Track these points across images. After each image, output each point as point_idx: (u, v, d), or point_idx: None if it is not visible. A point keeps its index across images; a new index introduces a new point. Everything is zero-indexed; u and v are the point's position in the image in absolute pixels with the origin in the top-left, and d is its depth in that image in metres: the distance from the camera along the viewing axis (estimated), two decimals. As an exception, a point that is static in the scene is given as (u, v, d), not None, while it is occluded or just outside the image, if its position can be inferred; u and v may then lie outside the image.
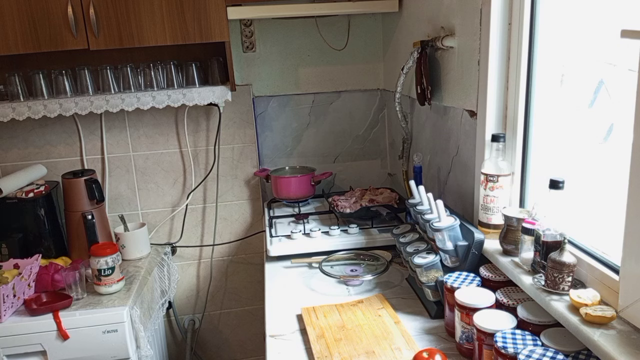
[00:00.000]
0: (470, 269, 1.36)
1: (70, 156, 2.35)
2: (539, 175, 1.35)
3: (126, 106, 2.08)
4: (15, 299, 1.79)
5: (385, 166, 2.58)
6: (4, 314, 1.74)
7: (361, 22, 2.40)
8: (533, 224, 1.17)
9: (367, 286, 1.64)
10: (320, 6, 2.10)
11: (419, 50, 1.75)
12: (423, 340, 1.31)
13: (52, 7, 1.86)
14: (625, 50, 0.99)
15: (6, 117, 2.04)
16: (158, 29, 1.93)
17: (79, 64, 2.12)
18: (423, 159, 1.95)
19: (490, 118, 1.41)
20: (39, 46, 1.90)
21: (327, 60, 2.42)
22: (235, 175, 2.45)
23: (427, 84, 1.74)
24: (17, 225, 2.08)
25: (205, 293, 2.57)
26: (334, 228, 1.92)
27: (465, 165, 1.59)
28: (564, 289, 1.06)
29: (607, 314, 0.95)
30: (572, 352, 1.00)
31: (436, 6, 1.71)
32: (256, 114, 2.42)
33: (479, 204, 1.42)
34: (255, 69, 2.39)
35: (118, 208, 2.40)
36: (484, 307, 1.17)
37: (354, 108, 2.50)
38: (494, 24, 1.35)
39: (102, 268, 1.86)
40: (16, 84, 2.07)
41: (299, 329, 1.42)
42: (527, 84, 1.35)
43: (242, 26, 2.33)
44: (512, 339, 1.04)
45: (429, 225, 1.40)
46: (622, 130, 1.06)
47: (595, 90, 1.15)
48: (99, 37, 1.91)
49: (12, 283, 1.74)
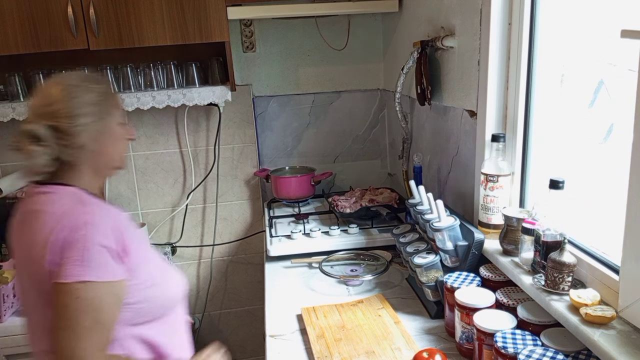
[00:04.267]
0: (470, 269, 1.36)
1: (70, 156, 2.35)
2: (539, 175, 1.35)
3: (126, 106, 2.08)
4: (15, 299, 1.79)
5: (385, 166, 2.58)
6: (4, 314, 1.74)
7: (361, 22, 2.40)
8: (533, 224, 1.17)
9: (367, 286, 1.64)
10: (320, 6, 2.10)
11: (419, 50, 1.75)
12: (423, 340, 1.31)
13: (52, 7, 1.86)
14: (625, 50, 0.99)
15: (6, 117, 2.04)
16: (158, 29, 1.93)
17: (79, 64, 2.12)
18: (423, 159, 1.95)
19: (490, 118, 1.41)
20: (39, 46, 1.90)
21: (327, 60, 2.42)
22: (235, 175, 2.44)
23: (427, 84, 1.74)
24: (17, 225, 2.08)
25: (205, 293, 2.57)
26: (334, 228, 1.92)
27: (465, 165, 1.59)
28: (564, 289, 1.06)
29: (607, 314, 0.95)
30: (572, 352, 1.00)
31: (436, 6, 1.71)
32: (256, 114, 2.42)
33: (479, 204, 1.42)
34: (255, 69, 2.39)
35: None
36: (484, 307, 1.17)
37: (354, 108, 2.50)
38: (494, 24, 1.35)
39: (102, 268, 1.86)
40: (16, 84, 2.07)
41: (299, 329, 1.42)
42: (527, 84, 1.35)
43: (242, 26, 2.33)
44: (512, 339, 1.04)
45: (429, 225, 1.40)
46: (622, 130, 1.06)
47: (595, 90, 1.15)
48: (99, 37, 1.91)
49: (12, 283, 1.75)
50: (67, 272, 1.00)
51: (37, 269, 1.05)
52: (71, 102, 1.08)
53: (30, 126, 1.06)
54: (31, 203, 1.12)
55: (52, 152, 1.07)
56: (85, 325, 1.00)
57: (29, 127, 1.06)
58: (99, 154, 1.14)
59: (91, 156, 1.13)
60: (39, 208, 1.09)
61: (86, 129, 1.09)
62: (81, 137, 1.09)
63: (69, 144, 1.08)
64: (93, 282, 1.00)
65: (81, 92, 1.10)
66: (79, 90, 1.10)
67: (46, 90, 1.11)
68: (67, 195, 1.10)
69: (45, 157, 1.07)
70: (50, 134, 1.06)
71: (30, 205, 1.11)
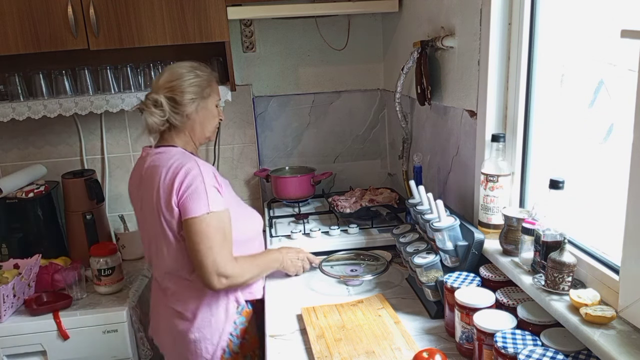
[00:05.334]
0: (470, 269, 1.36)
1: (70, 156, 2.35)
2: (539, 175, 1.35)
3: (126, 106, 2.08)
4: (15, 299, 1.79)
5: (385, 166, 2.58)
6: (4, 314, 1.74)
7: (361, 22, 2.40)
8: (533, 224, 1.17)
9: (367, 286, 1.64)
10: (320, 6, 2.10)
11: (419, 50, 1.75)
12: (423, 340, 1.30)
13: (52, 7, 1.86)
14: (625, 50, 0.99)
15: (6, 117, 2.04)
16: (158, 29, 1.93)
17: (79, 64, 2.12)
18: (423, 159, 1.95)
19: (490, 118, 1.41)
20: (39, 46, 1.90)
21: (327, 60, 2.42)
22: (235, 175, 2.44)
23: (427, 84, 1.74)
24: (17, 225, 2.08)
25: (205, 293, 2.56)
26: (334, 228, 1.92)
27: (465, 165, 1.59)
28: (564, 289, 1.06)
29: (607, 314, 0.95)
30: (572, 352, 1.00)
31: (436, 6, 1.71)
32: (256, 114, 2.42)
33: (479, 204, 1.42)
34: (255, 69, 2.39)
35: (118, 208, 2.40)
36: (484, 307, 1.17)
37: (354, 108, 2.50)
38: (494, 24, 1.35)
39: (102, 268, 1.86)
40: (16, 84, 2.07)
41: (299, 329, 1.42)
42: (527, 84, 1.34)
43: (242, 26, 2.33)
44: (512, 339, 1.04)
45: (429, 225, 1.39)
46: (622, 130, 1.06)
47: (595, 90, 1.15)
48: (99, 37, 1.91)
49: (12, 283, 1.75)
50: (196, 209, 1.39)
51: (166, 209, 1.42)
52: (184, 82, 1.49)
53: (154, 95, 1.47)
54: (150, 161, 1.50)
55: (165, 115, 1.47)
56: (218, 242, 1.41)
57: (154, 96, 1.47)
58: (198, 124, 1.54)
59: (192, 124, 1.53)
60: (157, 164, 1.47)
61: (192, 102, 1.50)
62: (188, 108, 1.50)
63: (179, 111, 1.49)
64: (215, 212, 1.41)
65: (191, 76, 1.51)
66: (189, 74, 1.51)
67: (167, 72, 1.52)
68: (177, 153, 1.48)
69: (160, 118, 1.47)
70: (166, 102, 1.47)
71: (150, 163, 1.49)
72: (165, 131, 1.53)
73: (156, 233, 1.49)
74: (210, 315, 1.52)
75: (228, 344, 1.54)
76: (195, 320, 1.51)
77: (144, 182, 1.50)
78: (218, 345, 1.53)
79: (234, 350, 1.55)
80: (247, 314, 1.59)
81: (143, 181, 1.50)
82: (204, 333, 1.51)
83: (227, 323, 1.54)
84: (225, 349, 1.54)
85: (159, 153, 1.50)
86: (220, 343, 1.53)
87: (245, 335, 1.58)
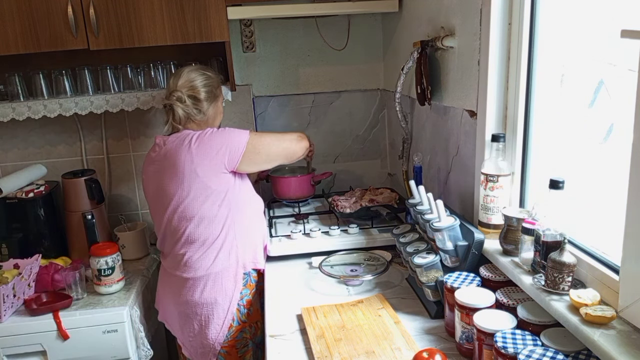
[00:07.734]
0: (470, 269, 1.36)
1: (71, 156, 2.35)
2: (539, 175, 1.35)
3: (126, 106, 2.08)
4: (15, 299, 1.79)
5: (385, 166, 2.58)
6: (4, 314, 1.74)
7: (361, 22, 2.40)
8: (533, 224, 1.17)
9: (367, 286, 1.64)
10: (320, 6, 2.10)
11: (419, 50, 1.75)
12: (423, 340, 1.30)
13: (52, 7, 1.86)
14: (625, 50, 0.99)
15: (6, 117, 2.04)
16: (158, 29, 1.93)
17: (79, 64, 2.12)
18: (423, 159, 1.95)
19: (490, 118, 1.41)
20: (39, 46, 1.90)
21: (327, 60, 2.42)
22: (235, 175, 2.44)
23: (427, 84, 1.74)
24: (17, 225, 2.08)
25: (205, 293, 2.56)
26: (334, 228, 1.92)
27: (465, 165, 1.59)
28: (564, 289, 1.06)
29: (607, 314, 0.95)
30: (572, 352, 1.00)
31: (436, 6, 1.71)
32: (256, 114, 2.42)
33: (479, 204, 1.42)
34: (255, 69, 2.39)
35: (118, 208, 2.40)
36: (484, 307, 1.17)
37: (354, 108, 2.50)
38: (494, 24, 1.35)
39: (102, 268, 1.86)
40: (16, 84, 2.07)
41: (299, 329, 1.42)
42: (527, 84, 1.35)
43: (242, 26, 2.33)
44: (512, 339, 1.04)
45: (429, 225, 1.39)
46: (622, 130, 1.06)
47: (595, 90, 1.15)
48: (99, 37, 1.91)
49: (12, 283, 1.74)
50: (242, 138, 1.69)
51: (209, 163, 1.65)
52: (200, 83, 1.75)
53: (178, 94, 1.72)
54: (170, 140, 1.70)
55: (187, 110, 1.73)
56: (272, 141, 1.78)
57: (178, 94, 1.72)
58: (209, 117, 1.80)
59: (206, 120, 1.79)
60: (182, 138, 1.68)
61: (207, 99, 1.76)
62: (204, 104, 1.76)
63: (198, 107, 1.75)
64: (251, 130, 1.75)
65: (205, 78, 1.77)
66: (203, 76, 1.77)
67: (183, 75, 1.75)
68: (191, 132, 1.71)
69: (183, 112, 1.73)
70: (188, 99, 1.73)
71: (172, 140, 1.70)
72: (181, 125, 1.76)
73: (188, 195, 1.66)
74: (221, 280, 1.71)
75: (236, 312, 1.73)
76: (207, 285, 1.70)
77: (167, 157, 1.68)
78: (228, 310, 1.72)
79: (241, 319, 1.75)
80: (250, 287, 1.78)
81: (166, 157, 1.68)
82: (216, 298, 1.70)
83: (236, 290, 1.73)
84: (234, 316, 1.73)
85: (176, 135, 1.71)
86: (231, 308, 1.72)
87: (250, 306, 1.77)
